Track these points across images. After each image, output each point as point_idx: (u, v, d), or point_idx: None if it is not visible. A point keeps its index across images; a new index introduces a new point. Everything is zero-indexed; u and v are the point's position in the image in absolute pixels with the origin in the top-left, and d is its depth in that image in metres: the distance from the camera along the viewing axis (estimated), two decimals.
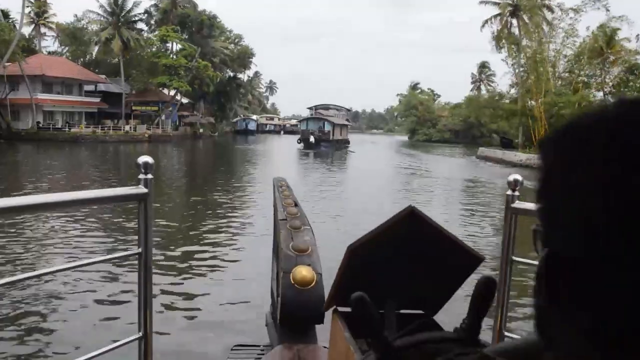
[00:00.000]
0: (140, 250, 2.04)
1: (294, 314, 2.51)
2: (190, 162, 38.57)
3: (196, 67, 55.24)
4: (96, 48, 59.39)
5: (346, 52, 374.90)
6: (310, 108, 69.57)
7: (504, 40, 52.08)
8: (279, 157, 43.63)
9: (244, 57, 74.15)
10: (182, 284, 8.18)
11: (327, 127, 58.33)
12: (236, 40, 76.86)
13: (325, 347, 2.40)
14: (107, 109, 54.46)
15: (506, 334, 2.44)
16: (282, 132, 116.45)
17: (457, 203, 20.23)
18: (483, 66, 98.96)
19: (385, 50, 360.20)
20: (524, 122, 48.72)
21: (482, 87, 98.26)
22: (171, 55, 55.53)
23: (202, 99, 69.66)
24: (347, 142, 60.22)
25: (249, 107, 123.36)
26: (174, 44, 57.43)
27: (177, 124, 64.58)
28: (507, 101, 53.42)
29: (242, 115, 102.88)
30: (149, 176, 2.02)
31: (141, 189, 2.00)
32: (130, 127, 53.24)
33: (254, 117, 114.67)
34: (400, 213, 1.84)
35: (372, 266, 1.98)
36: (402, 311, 2.00)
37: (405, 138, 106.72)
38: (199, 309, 7.19)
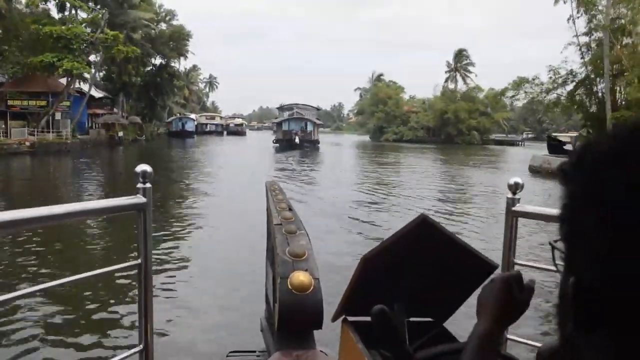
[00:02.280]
0: (139, 261, 2.01)
1: (292, 320, 2.41)
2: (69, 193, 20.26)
3: (102, 40, 38.15)
4: None
5: (289, 49, 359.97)
6: (279, 108, 68.30)
7: None
8: (258, 168, 28.56)
9: (177, 40, 58.17)
10: None
11: (310, 127, 56.72)
12: (167, 17, 60.47)
13: (322, 351, 2.44)
14: None
15: (509, 336, 2.28)
16: (224, 132, 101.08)
17: None
18: (460, 54, 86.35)
19: (329, 47, 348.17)
20: (599, 115, 31.91)
21: (459, 77, 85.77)
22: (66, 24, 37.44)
23: (123, 92, 53.19)
24: (318, 142, 56.58)
25: (187, 104, 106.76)
26: (77, 11, 39.93)
27: (87, 125, 47.88)
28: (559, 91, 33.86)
29: (178, 114, 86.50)
30: (148, 185, 1.99)
31: (140, 199, 1.97)
32: (1, 132, 35.00)
33: (193, 116, 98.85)
34: (413, 222, 1.87)
35: (384, 275, 2.01)
36: (411, 319, 2.03)
37: (361, 138, 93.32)
38: None
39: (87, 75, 40.86)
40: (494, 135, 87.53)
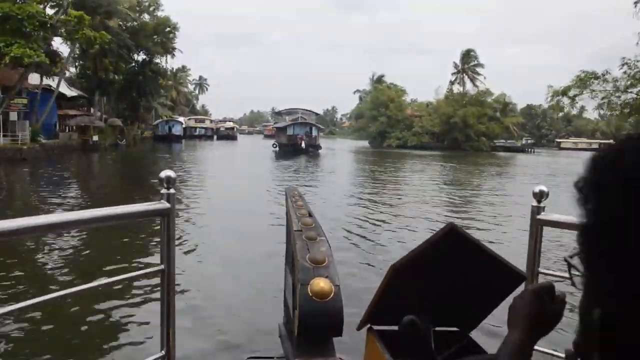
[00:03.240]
0: (163, 266, 2.02)
1: (312, 327, 2.39)
2: None
3: (63, 22, 30.93)
4: None
5: (281, 53, 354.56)
6: (277, 113, 68.49)
7: None
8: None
9: (162, 33, 52.13)
10: None
11: (314, 132, 56.23)
12: (151, 7, 54.22)
13: (342, 359, 2.44)
14: None
15: (536, 347, 2.12)
16: (215, 137, 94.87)
17: None
18: (467, 55, 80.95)
19: (322, 52, 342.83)
20: None
21: (466, 79, 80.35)
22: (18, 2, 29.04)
23: (100, 90, 46.95)
24: (320, 147, 55.94)
25: (176, 107, 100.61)
26: None
27: (57, 128, 41.53)
28: None
29: (165, 117, 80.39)
30: (172, 191, 2.02)
31: (164, 204, 1.99)
32: None
33: (181, 119, 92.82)
34: (441, 231, 1.88)
35: (412, 284, 2.00)
36: (437, 328, 2.01)
37: (359, 143, 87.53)
38: None
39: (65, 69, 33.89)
40: (497, 142, 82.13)
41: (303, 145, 50.57)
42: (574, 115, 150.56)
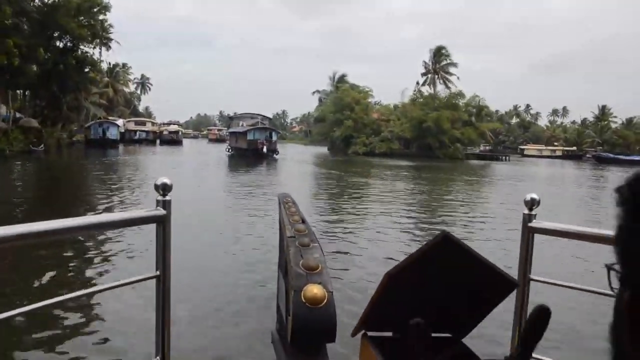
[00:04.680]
0: (158, 273, 2.03)
1: (305, 333, 2.41)
2: None
3: None
4: None
5: (230, 57, 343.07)
6: (230, 117, 68.95)
7: None
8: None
9: (89, 13, 42.01)
10: None
11: (274, 137, 55.95)
12: None
13: None
14: None
15: (535, 356, 2.25)
16: (158, 141, 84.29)
17: None
18: (439, 53, 74.04)
19: (272, 56, 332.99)
20: None
21: (437, 80, 73.48)
22: None
23: (3, 81, 36.42)
24: (278, 152, 54.71)
25: (116, 108, 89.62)
26: None
27: None
28: None
29: (100, 117, 69.81)
30: (168, 198, 2.02)
31: (160, 211, 2.00)
32: None
33: (120, 121, 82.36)
34: (435, 239, 1.91)
35: (406, 291, 2.04)
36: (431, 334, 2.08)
37: (313, 149, 79.61)
38: None
39: None
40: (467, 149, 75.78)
41: (265, 149, 50.04)
42: (530, 121, 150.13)
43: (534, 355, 1.46)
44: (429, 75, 73.90)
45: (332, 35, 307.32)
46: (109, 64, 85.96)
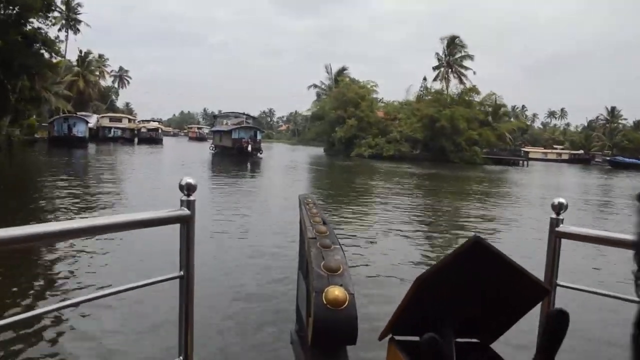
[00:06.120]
0: (182, 273, 2.05)
1: (326, 335, 2.36)
2: None
3: None
4: None
5: (216, 55, 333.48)
6: (215, 116, 69.84)
7: None
8: None
9: None
10: None
11: (259, 136, 55.47)
12: None
13: None
14: None
15: None
16: (135, 139, 76.09)
17: None
18: (453, 43, 65.87)
19: (260, 55, 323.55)
20: None
21: (451, 74, 65.35)
22: None
23: None
24: (262, 151, 53.69)
25: (90, 103, 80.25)
26: None
27: None
28: None
29: (65, 111, 60.79)
30: (192, 198, 2.03)
31: (184, 211, 2.02)
32: None
33: (94, 117, 73.95)
34: (466, 243, 1.89)
35: (436, 296, 2.03)
36: (458, 339, 2.07)
37: (309, 150, 71.54)
38: None
39: None
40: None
41: (249, 148, 50.10)
42: (526, 123, 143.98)
43: None
44: (442, 69, 65.60)
45: (323, 35, 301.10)
46: (80, 51, 76.44)
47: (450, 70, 65.39)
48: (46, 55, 38.19)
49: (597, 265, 10.06)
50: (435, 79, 66.43)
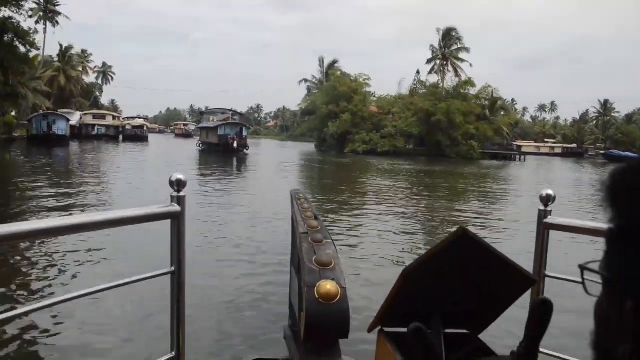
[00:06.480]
0: (173, 268, 2.04)
1: (318, 329, 2.39)
2: None
3: None
4: None
5: (204, 51, 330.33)
6: (202, 112, 68.49)
7: None
8: None
9: None
10: None
11: (245, 132, 55.28)
12: None
13: None
14: None
15: (542, 350, 2.25)
16: (120, 137, 73.87)
17: None
18: (449, 35, 63.87)
19: (246, 51, 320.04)
20: None
21: (446, 67, 63.36)
22: None
23: None
24: (248, 147, 53.40)
25: (73, 100, 77.34)
26: None
27: None
28: None
29: (44, 108, 58.11)
30: (182, 194, 2.02)
31: (174, 207, 2.00)
32: None
33: (77, 114, 71.30)
34: (452, 235, 1.90)
35: (423, 287, 2.04)
36: (447, 330, 2.09)
37: (299, 147, 69.45)
38: None
39: None
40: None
41: (235, 145, 50.14)
42: (516, 117, 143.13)
43: (541, 349, 1.43)
44: (437, 62, 63.55)
45: (310, 29, 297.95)
46: (61, 46, 73.48)
47: (445, 62, 63.36)
48: (21, 48, 35.64)
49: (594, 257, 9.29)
50: (430, 72, 64.46)
